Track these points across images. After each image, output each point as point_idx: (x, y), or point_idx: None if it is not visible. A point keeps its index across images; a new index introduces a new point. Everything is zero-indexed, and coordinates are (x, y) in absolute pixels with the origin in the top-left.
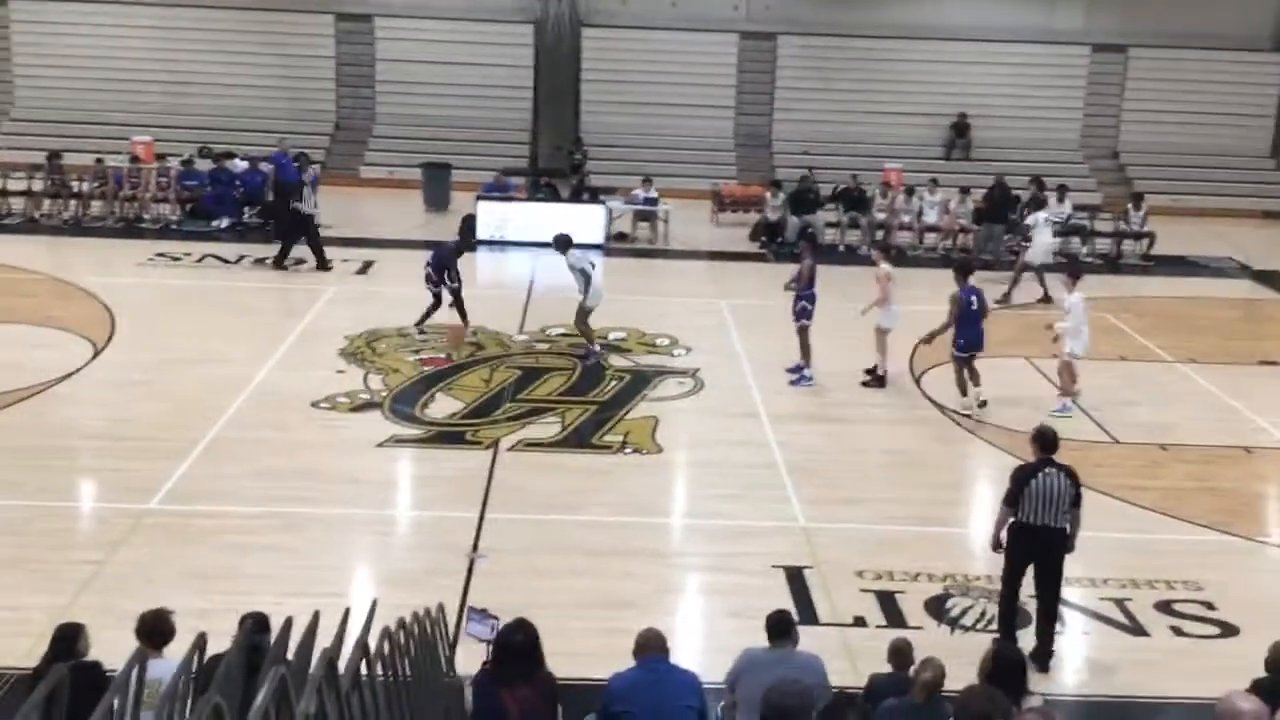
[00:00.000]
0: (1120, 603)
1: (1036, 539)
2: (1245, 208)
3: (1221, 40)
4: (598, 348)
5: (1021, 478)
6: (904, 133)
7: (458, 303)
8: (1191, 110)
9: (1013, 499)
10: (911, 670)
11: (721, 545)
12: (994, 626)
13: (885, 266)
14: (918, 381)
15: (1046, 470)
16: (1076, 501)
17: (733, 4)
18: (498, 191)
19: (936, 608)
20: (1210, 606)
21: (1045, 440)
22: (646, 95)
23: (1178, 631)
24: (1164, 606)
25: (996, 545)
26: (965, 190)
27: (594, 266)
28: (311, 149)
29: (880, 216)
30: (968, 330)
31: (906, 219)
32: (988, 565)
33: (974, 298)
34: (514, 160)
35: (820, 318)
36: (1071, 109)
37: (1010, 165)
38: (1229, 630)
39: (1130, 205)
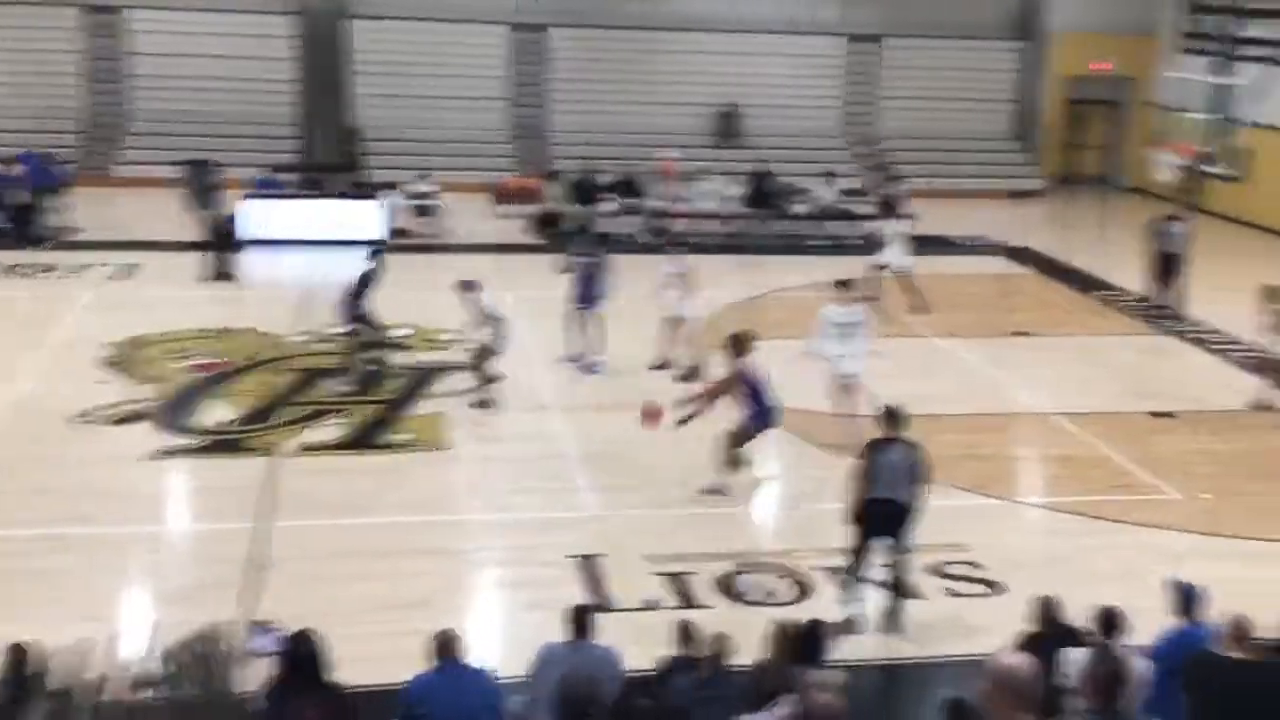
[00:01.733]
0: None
1: (885, 512)
2: (994, 188)
3: (966, 29)
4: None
5: (872, 453)
6: (677, 122)
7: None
8: (942, 96)
9: (866, 474)
10: (700, 650)
11: (515, 539)
12: (782, 600)
13: (687, 259)
14: (691, 370)
15: (893, 444)
16: (922, 476)
17: None
18: (267, 188)
19: (727, 585)
20: (978, 566)
21: (892, 417)
22: (420, 88)
23: (949, 593)
24: (936, 570)
25: (856, 520)
26: (730, 179)
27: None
28: (59, 149)
29: (657, 204)
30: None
31: (682, 206)
32: (775, 540)
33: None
34: (284, 156)
35: (606, 306)
36: (833, 97)
37: (778, 153)
38: (995, 588)
39: (888, 188)
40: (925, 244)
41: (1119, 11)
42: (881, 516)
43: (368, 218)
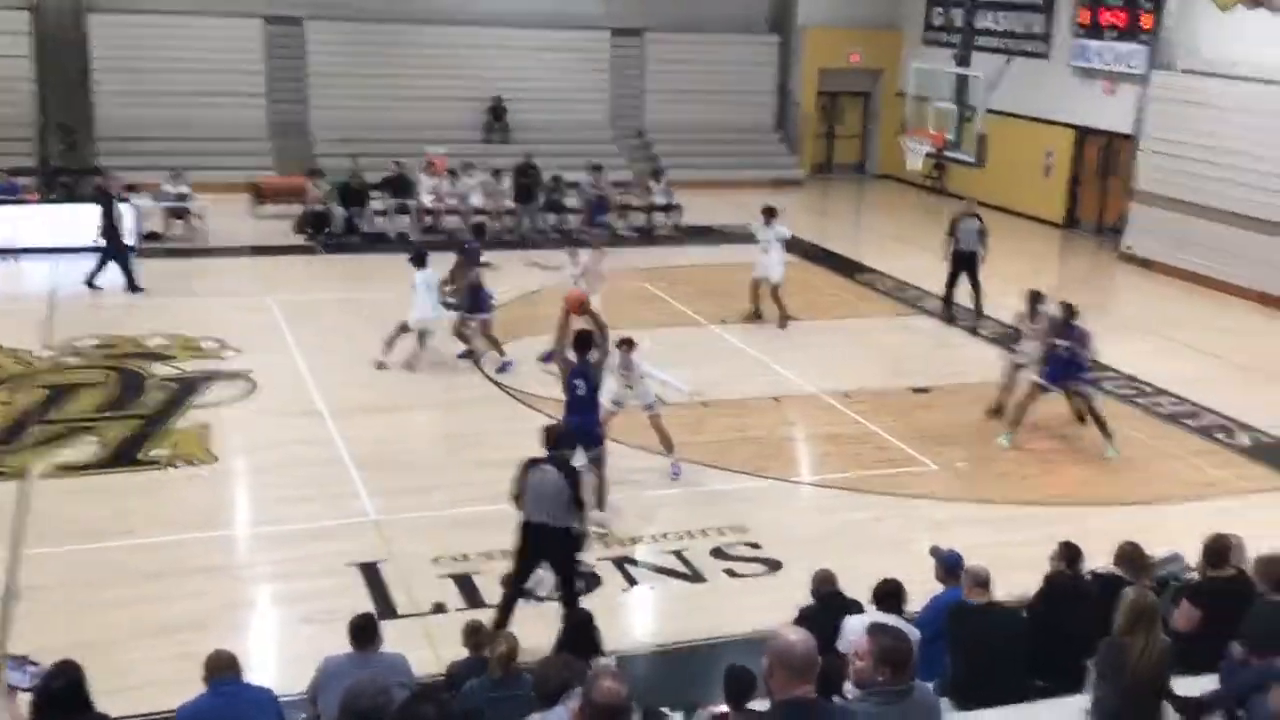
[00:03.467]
0: (679, 553)
1: (537, 537)
2: (758, 178)
3: (725, 24)
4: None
5: (524, 473)
6: (444, 117)
7: None
8: (705, 89)
9: (517, 495)
10: (490, 650)
11: (291, 550)
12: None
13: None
14: (478, 363)
15: (544, 466)
16: (576, 502)
17: None
18: (4, 194)
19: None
20: (756, 546)
21: (549, 434)
22: (169, 85)
23: (731, 574)
24: (718, 552)
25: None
26: (498, 172)
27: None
28: None
29: (427, 201)
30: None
31: (453, 202)
32: None
33: (580, 381)
34: (20, 159)
35: (371, 308)
36: (599, 90)
37: (546, 146)
38: (774, 566)
39: (650, 179)
40: (694, 234)
41: (866, 6)
42: (533, 542)
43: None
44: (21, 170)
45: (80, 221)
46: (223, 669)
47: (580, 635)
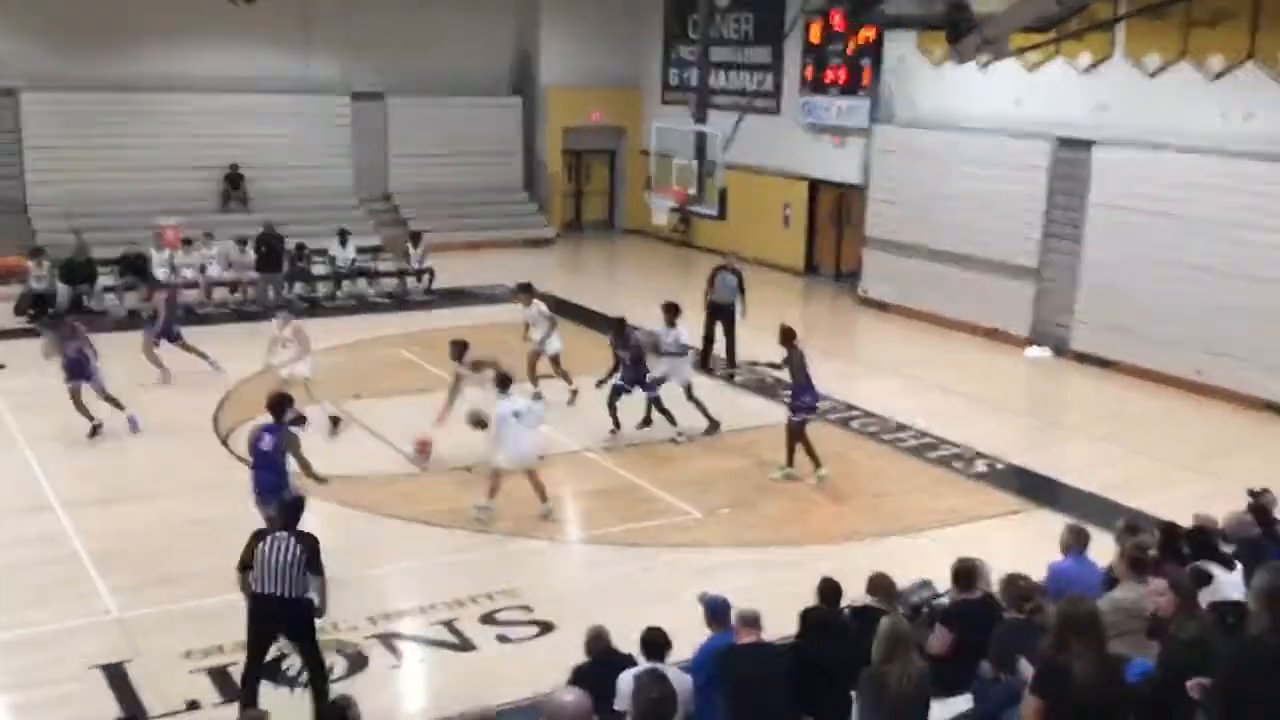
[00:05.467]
0: (449, 624)
1: (270, 609)
2: (510, 237)
3: (469, 87)
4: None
5: (254, 543)
6: (177, 188)
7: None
8: (453, 151)
9: (244, 565)
10: None
11: (26, 658)
12: (336, 676)
13: (292, 321)
14: (224, 441)
15: (277, 535)
16: (314, 568)
17: None
18: None
19: (274, 671)
20: (528, 609)
21: (282, 507)
22: None
23: (503, 639)
24: (488, 618)
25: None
26: (243, 241)
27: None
28: None
29: (161, 274)
30: None
31: (189, 274)
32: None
33: (267, 435)
34: None
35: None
36: (341, 155)
37: (289, 213)
38: (546, 627)
39: (409, 244)
40: (448, 297)
41: (606, 67)
42: (268, 615)
43: None
44: None
45: None
46: None
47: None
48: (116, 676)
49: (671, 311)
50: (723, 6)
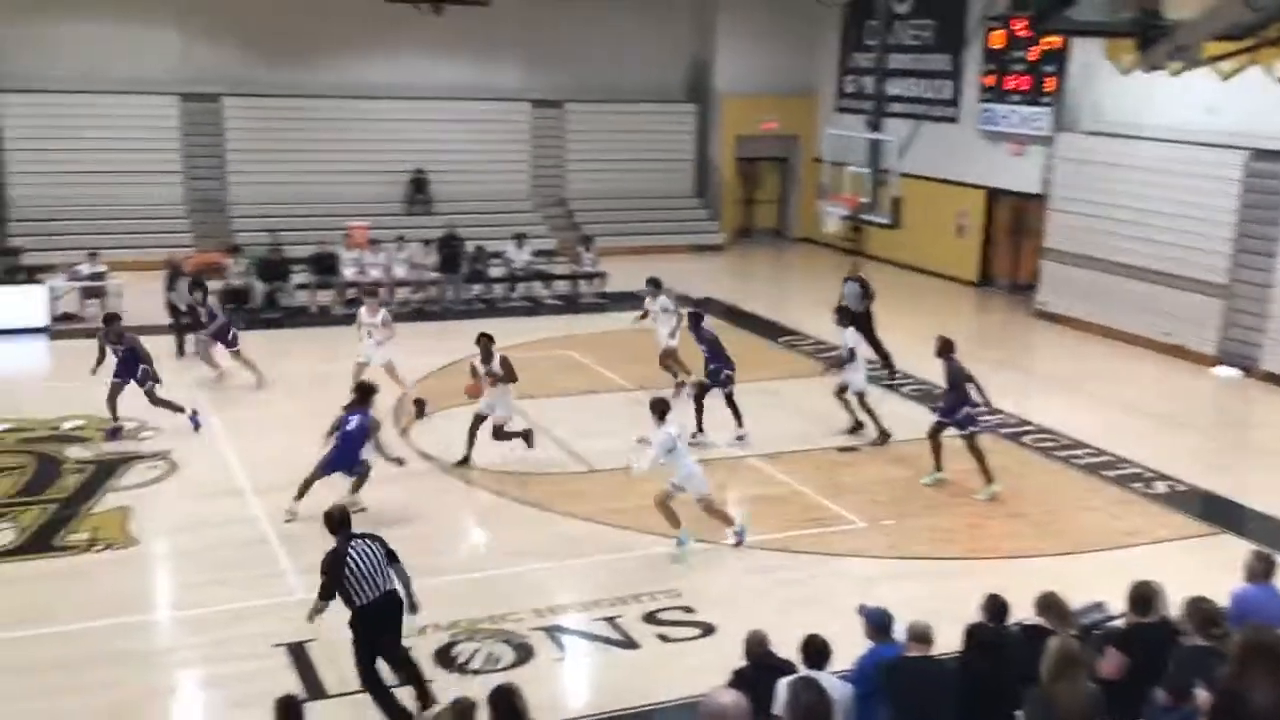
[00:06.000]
0: (612, 620)
1: (376, 613)
2: (680, 243)
3: (643, 94)
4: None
5: (334, 563)
6: (365, 190)
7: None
8: (625, 157)
9: (330, 590)
10: None
11: (215, 633)
12: (503, 665)
13: (382, 310)
14: (403, 432)
15: (354, 544)
16: (394, 559)
17: (170, 67)
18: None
19: (445, 657)
20: (690, 610)
21: (332, 520)
22: (85, 163)
23: (664, 639)
24: (650, 617)
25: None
26: (428, 243)
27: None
28: None
29: (349, 273)
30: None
31: (376, 273)
32: (490, 607)
33: (354, 418)
34: None
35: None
36: (520, 160)
37: (469, 216)
38: (707, 629)
39: (581, 247)
40: (617, 300)
41: (782, 75)
42: (374, 621)
43: (31, 304)
44: None
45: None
46: None
47: (505, 708)
48: (298, 655)
49: (842, 316)
50: (902, 14)
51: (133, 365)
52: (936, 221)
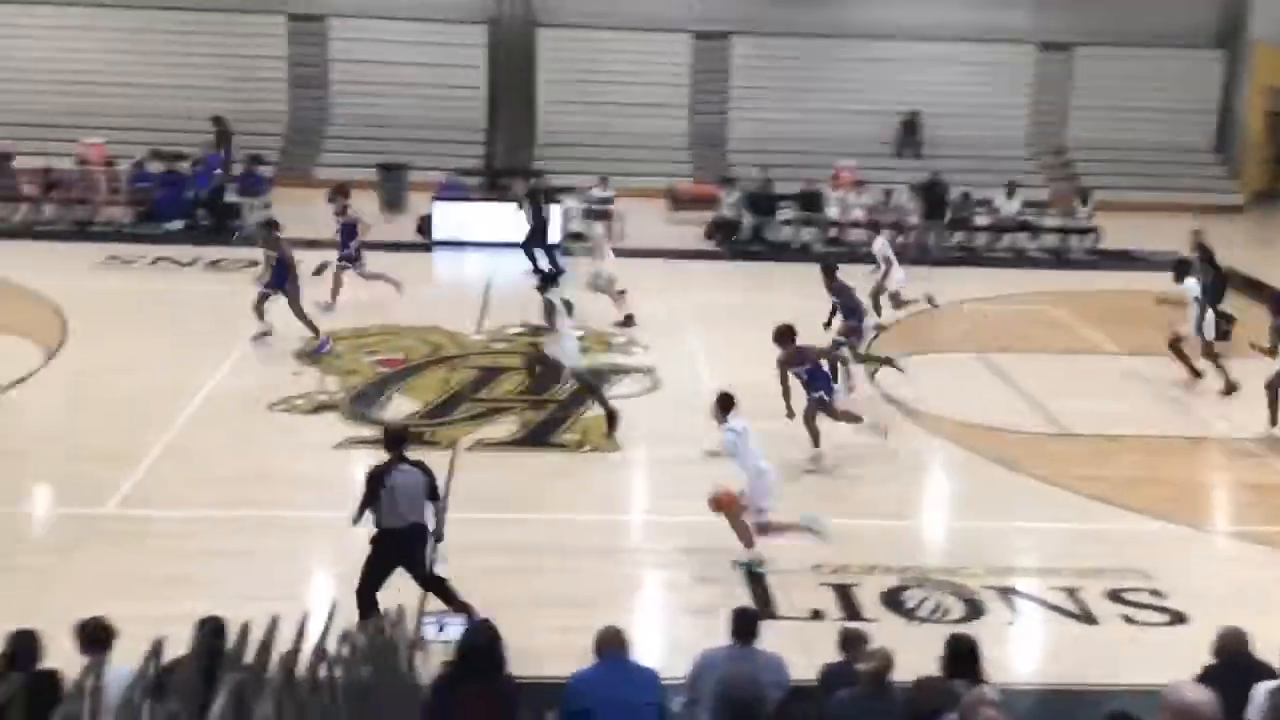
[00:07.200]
0: (1071, 592)
1: (397, 540)
2: (1188, 201)
3: (1166, 38)
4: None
5: (372, 479)
6: (855, 131)
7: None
8: (1137, 106)
9: (367, 503)
10: (863, 661)
11: (679, 541)
12: (951, 617)
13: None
14: (872, 378)
15: (400, 467)
16: (434, 494)
17: (687, 4)
18: (453, 192)
19: (892, 600)
20: (1159, 595)
21: (386, 437)
22: (603, 95)
23: (1128, 620)
24: (1114, 595)
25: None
26: (913, 187)
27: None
28: (264, 150)
29: (833, 213)
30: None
31: (858, 214)
32: (943, 558)
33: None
34: (469, 160)
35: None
36: (1018, 106)
37: (958, 162)
38: (1178, 618)
39: (1078, 200)
40: (1109, 258)
41: None
42: (396, 545)
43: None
44: (468, 171)
45: (515, 219)
46: (612, 645)
47: (963, 664)
48: (753, 575)
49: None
50: None
51: (281, 276)
52: None
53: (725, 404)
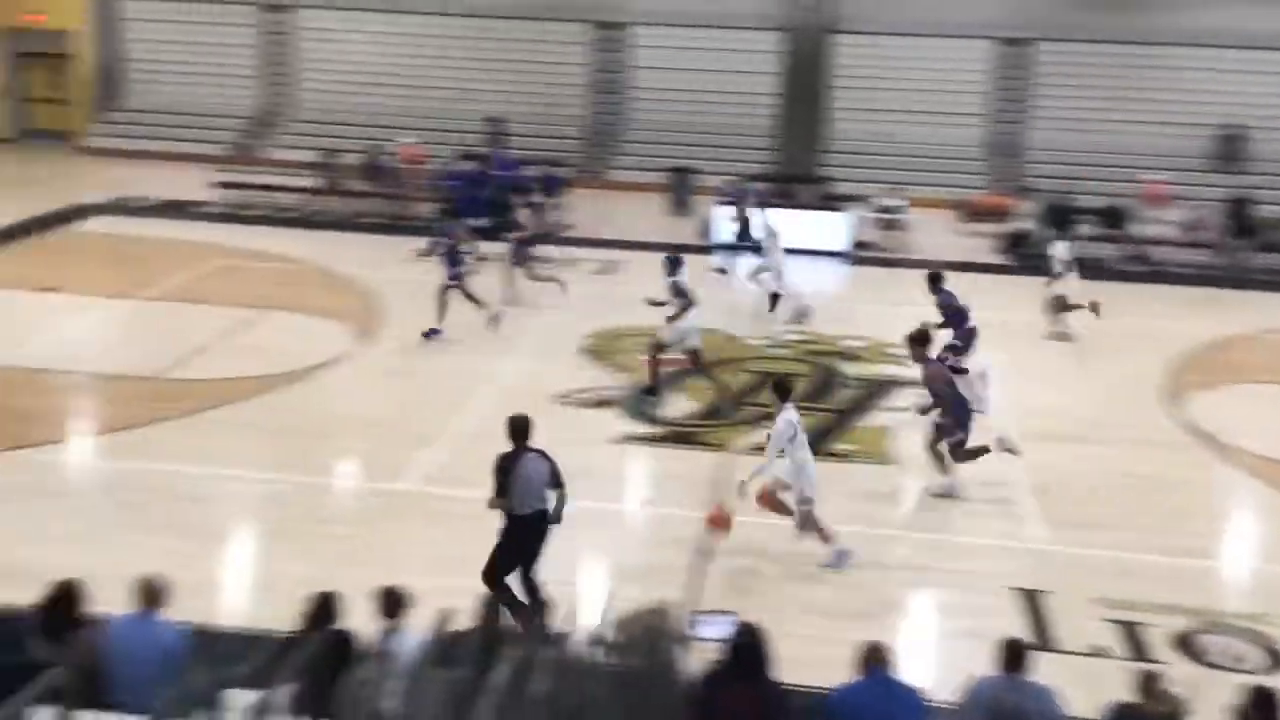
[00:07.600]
0: None
1: (527, 525)
2: None
3: None
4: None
5: (503, 466)
6: (1167, 144)
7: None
8: None
9: (503, 490)
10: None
11: (955, 562)
12: (1246, 667)
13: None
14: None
15: (528, 455)
16: (558, 481)
17: (983, 11)
18: (739, 197)
19: (1187, 643)
20: None
21: (512, 427)
22: (895, 102)
23: None
24: None
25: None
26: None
27: None
28: (563, 153)
29: (1146, 230)
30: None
31: (1167, 232)
32: (1240, 601)
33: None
34: (756, 165)
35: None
36: None
37: (1270, 179)
38: None
39: None
40: None
41: None
42: (528, 531)
43: (835, 229)
44: (755, 176)
45: (802, 225)
46: (878, 660)
47: (1266, 711)
48: (1030, 602)
49: None
50: None
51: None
52: None
53: (783, 391)
